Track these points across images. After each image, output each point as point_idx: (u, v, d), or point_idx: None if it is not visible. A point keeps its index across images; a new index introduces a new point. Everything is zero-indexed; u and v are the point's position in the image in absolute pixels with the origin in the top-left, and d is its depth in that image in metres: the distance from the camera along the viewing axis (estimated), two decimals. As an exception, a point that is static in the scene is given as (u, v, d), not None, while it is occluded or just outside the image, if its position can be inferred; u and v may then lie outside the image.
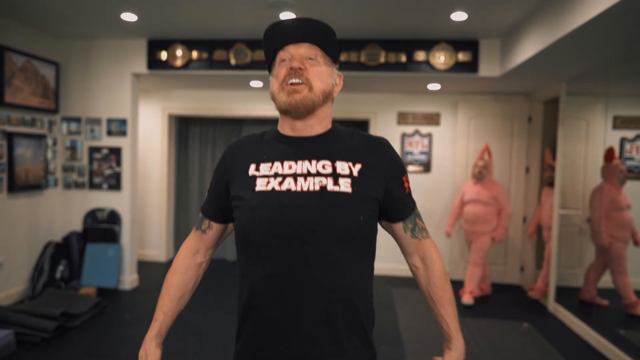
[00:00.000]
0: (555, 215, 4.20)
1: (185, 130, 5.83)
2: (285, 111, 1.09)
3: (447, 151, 5.16)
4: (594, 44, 2.92)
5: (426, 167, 5.18)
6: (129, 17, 3.57)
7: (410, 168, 5.19)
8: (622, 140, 3.79)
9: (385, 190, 1.11)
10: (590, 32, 2.64)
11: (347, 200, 1.03)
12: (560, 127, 4.21)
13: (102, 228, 4.24)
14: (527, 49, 3.31)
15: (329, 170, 1.06)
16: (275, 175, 1.07)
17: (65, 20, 3.75)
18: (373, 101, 5.25)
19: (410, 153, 5.20)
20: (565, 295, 4.11)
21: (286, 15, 3.45)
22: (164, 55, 4.22)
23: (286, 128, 1.13)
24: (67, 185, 4.37)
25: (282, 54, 1.12)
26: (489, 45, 3.98)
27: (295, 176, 1.06)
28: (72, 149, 4.34)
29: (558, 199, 4.19)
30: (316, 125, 1.11)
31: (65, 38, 4.27)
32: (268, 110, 5.33)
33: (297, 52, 1.09)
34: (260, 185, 1.07)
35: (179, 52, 4.21)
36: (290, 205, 1.03)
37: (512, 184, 4.94)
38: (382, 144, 1.15)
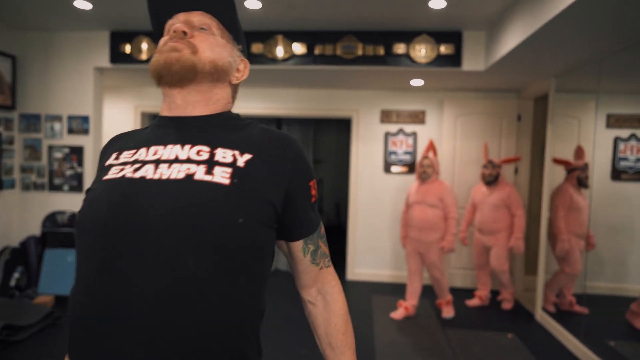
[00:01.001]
0: (544, 218, 3.95)
1: (160, 128, 5.56)
2: (158, 77, 0.86)
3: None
4: (581, 34, 2.67)
5: (411, 167, 4.93)
6: (82, 5, 3.31)
7: (394, 169, 4.94)
8: (616, 140, 3.55)
9: (286, 197, 0.85)
10: (576, 19, 2.39)
11: (220, 195, 0.77)
12: (549, 125, 3.96)
13: (63, 232, 3.98)
14: (512, 39, 3.06)
15: (204, 156, 0.82)
16: (135, 162, 0.83)
17: (19, 10, 3.49)
18: (355, 98, 5.00)
19: (394, 153, 4.95)
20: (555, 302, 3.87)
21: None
22: (128, 48, 3.97)
23: (164, 107, 0.91)
24: (26, 187, 4.11)
25: (170, 23, 0.91)
26: (473, 37, 3.73)
27: (157, 162, 0.81)
28: (31, 147, 4.08)
29: (546, 201, 3.94)
30: (200, 105, 0.90)
31: (22, 29, 4.01)
32: (250, 107, 5.08)
33: (188, 19, 0.90)
34: (112, 173, 0.82)
35: (144, 45, 3.96)
36: (137, 197, 0.77)
37: (501, 185, 4.69)
38: (287, 140, 0.90)
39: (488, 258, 4.15)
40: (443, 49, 3.71)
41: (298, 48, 3.83)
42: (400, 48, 3.75)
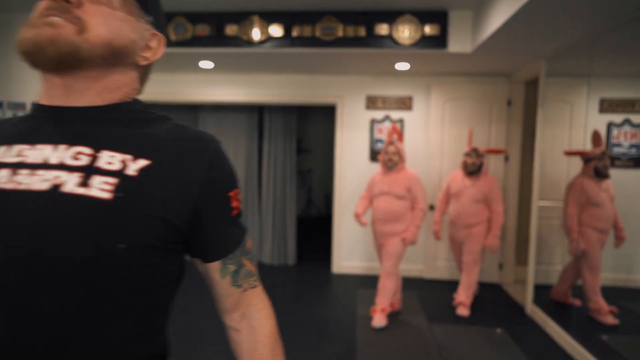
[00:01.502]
0: (534, 207, 3.79)
1: (137, 117, 5.33)
2: (25, 53, 0.63)
3: (420, 138, 4.72)
4: (570, 11, 2.47)
5: (398, 156, 4.74)
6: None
7: (379, 157, 4.75)
8: (609, 125, 3.37)
9: (195, 212, 0.68)
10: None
11: (95, 213, 0.59)
12: (539, 110, 3.78)
13: None
14: (499, 17, 2.86)
15: (83, 161, 0.63)
16: None
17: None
18: (339, 84, 4.78)
19: (380, 141, 4.75)
20: (544, 295, 3.72)
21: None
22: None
23: (42, 93, 0.70)
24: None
25: None
26: (459, 17, 3.51)
27: (17, 167, 0.61)
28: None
29: (537, 189, 3.77)
30: (90, 94, 0.69)
31: (-20, 11, 3.77)
32: (227, 94, 4.86)
33: None
34: None
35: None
36: None
37: (490, 173, 4.51)
38: (202, 141, 0.72)
39: (462, 254, 3.87)
40: (428, 30, 3.50)
41: (275, 30, 3.61)
42: (382, 29, 3.54)
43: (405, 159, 3.46)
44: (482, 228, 3.68)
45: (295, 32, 3.60)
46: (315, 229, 7.09)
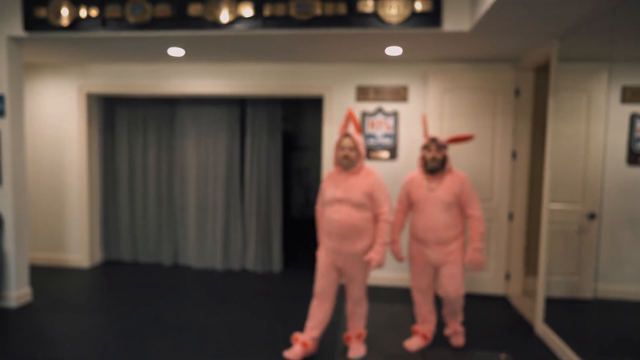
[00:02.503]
0: (545, 210, 3.28)
1: (111, 113, 4.94)
2: None
3: (416, 132, 4.23)
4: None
5: (392, 152, 4.26)
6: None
7: (372, 155, 4.27)
8: (633, 117, 2.87)
9: None
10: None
11: None
12: (551, 100, 3.27)
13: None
14: (499, -17, 2.37)
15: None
16: None
17: None
18: (327, 73, 4.32)
19: (372, 136, 4.28)
20: (557, 311, 3.21)
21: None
22: (44, 12, 3.33)
23: None
24: None
25: None
26: (455, -10, 3.03)
27: None
28: (-63, 133, 3.48)
29: (548, 190, 3.27)
30: None
31: None
32: (205, 86, 4.43)
33: None
34: None
35: (64, 10, 3.31)
36: None
37: (496, 172, 4.01)
38: None
39: (432, 279, 2.96)
40: (419, 5, 3.01)
41: (245, 10, 3.16)
42: (366, 5, 3.06)
43: (364, 155, 2.73)
44: (461, 243, 2.86)
45: (267, 11, 3.14)
46: (313, 231, 6.63)
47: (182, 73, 4.47)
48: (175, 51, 3.86)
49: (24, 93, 3.64)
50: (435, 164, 2.82)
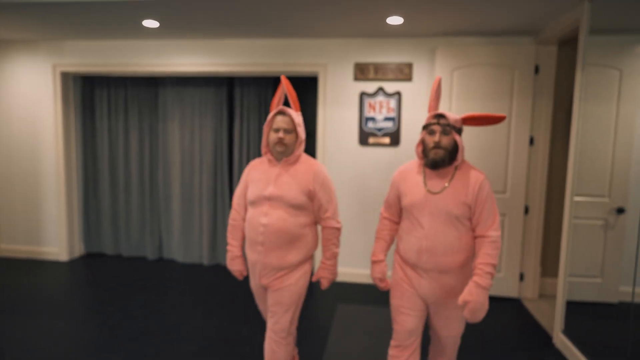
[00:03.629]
0: (568, 203, 2.84)
1: (90, 94, 4.56)
2: None
3: (420, 115, 3.78)
4: None
5: (393, 138, 3.83)
6: None
7: (372, 140, 3.84)
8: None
9: None
10: None
11: None
12: (578, 78, 2.80)
13: None
14: None
15: None
16: None
17: None
18: (322, 49, 3.87)
19: (372, 119, 3.84)
20: (578, 317, 2.79)
21: None
22: (-5, -24, 2.93)
23: None
24: None
25: None
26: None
27: None
28: None
29: (573, 181, 2.82)
30: None
31: None
32: (190, 64, 4.02)
33: None
34: None
35: (19, -27, 2.91)
36: None
37: (511, 160, 3.55)
38: None
39: (422, 321, 1.95)
40: (423, -38, 2.55)
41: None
42: (362, -37, 2.61)
43: (303, 140, 2.05)
44: (467, 273, 1.88)
45: (246, -28, 2.71)
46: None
47: (164, 50, 4.06)
48: (151, 23, 3.45)
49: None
50: (440, 153, 1.80)
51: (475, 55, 3.53)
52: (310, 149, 7.38)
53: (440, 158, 1.80)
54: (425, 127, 1.87)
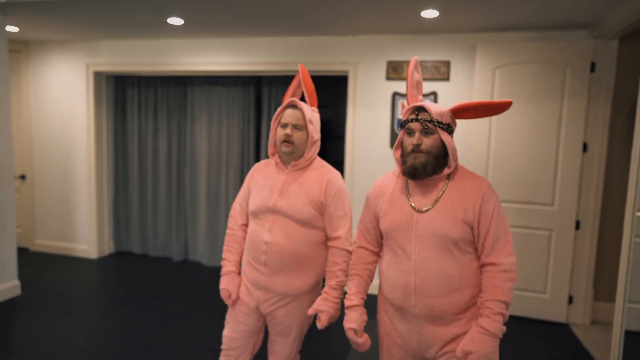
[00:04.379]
0: (628, 219, 2.45)
1: (122, 94, 4.58)
2: None
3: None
4: None
5: (428, 142, 3.54)
6: None
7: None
8: None
9: None
10: None
11: None
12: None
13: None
14: None
15: None
16: None
17: None
18: (352, 47, 3.66)
19: (405, 122, 3.57)
20: (639, 349, 2.41)
21: None
22: (23, -25, 2.94)
23: None
24: None
25: None
26: None
27: None
28: None
29: (635, 193, 2.43)
30: None
31: None
32: (217, 63, 3.93)
33: None
34: None
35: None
36: None
37: (560, 168, 3.18)
38: None
39: None
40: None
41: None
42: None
43: (318, 141, 1.70)
44: (471, 318, 1.39)
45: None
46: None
47: (192, 49, 3.99)
48: (175, 20, 3.37)
49: (8, 69, 3.32)
50: (420, 159, 1.36)
51: (521, 52, 3.18)
52: (339, 153, 7.18)
53: (421, 165, 1.36)
54: (402, 125, 1.44)
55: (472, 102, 1.41)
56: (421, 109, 1.39)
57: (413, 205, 1.40)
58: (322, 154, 7.30)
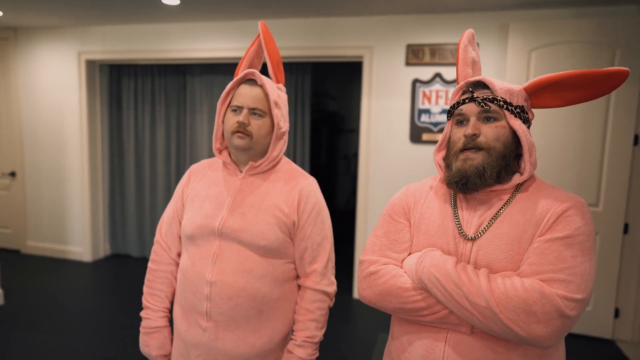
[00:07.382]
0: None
1: (117, 84, 4.26)
2: None
3: (488, 108, 3.09)
4: None
5: (452, 134, 3.16)
6: None
7: (426, 137, 3.21)
8: None
9: None
10: None
11: None
12: None
13: None
14: None
15: None
16: None
17: None
18: (367, 29, 3.29)
19: (427, 112, 3.20)
20: None
21: None
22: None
23: None
24: None
25: None
26: None
27: None
28: None
29: None
30: None
31: None
32: (218, 49, 3.59)
33: None
34: None
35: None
36: None
37: (606, 164, 2.79)
38: None
39: None
40: None
41: None
42: None
43: (285, 132, 1.20)
44: None
45: None
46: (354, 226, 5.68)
47: (190, 33, 3.64)
48: (170, 0, 3.02)
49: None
50: (474, 161, 0.90)
51: (561, 31, 2.79)
52: (348, 147, 6.81)
53: (475, 170, 0.89)
54: (450, 111, 0.99)
55: (560, 74, 0.89)
56: (479, 85, 0.95)
57: (461, 229, 0.91)
58: (331, 148, 6.95)
